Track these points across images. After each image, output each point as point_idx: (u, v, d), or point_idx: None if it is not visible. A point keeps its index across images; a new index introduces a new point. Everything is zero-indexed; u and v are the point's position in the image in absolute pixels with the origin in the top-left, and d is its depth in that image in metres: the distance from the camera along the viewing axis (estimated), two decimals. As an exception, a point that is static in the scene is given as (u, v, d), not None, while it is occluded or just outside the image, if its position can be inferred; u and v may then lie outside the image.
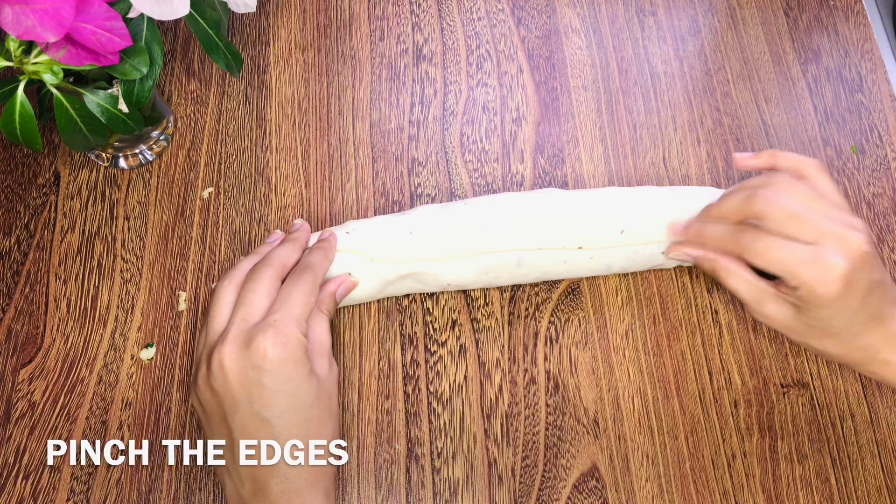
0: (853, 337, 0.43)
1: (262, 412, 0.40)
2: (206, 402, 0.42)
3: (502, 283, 0.50)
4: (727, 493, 0.47)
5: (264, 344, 0.40)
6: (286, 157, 0.57)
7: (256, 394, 0.40)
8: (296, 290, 0.44)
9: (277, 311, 0.42)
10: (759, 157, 0.47)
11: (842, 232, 0.41)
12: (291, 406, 0.41)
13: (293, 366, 0.41)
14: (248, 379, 0.40)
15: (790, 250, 0.41)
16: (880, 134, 0.59)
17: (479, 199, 0.50)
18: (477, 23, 0.63)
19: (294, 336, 0.41)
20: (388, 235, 0.48)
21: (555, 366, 0.50)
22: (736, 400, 0.50)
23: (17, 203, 0.54)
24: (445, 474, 0.47)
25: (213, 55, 0.50)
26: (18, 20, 0.39)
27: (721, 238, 0.45)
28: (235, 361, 0.41)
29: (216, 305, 0.44)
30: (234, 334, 0.41)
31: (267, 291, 0.44)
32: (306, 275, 0.44)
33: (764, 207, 0.42)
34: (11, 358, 0.50)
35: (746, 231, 0.43)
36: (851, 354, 0.44)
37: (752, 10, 0.64)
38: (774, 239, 0.42)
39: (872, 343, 0.43)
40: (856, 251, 0.41)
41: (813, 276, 0.41)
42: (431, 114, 0.59)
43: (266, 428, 0.40)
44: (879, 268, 0.42)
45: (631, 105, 0.60)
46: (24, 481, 0.47)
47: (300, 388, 0.41)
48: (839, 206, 0.43)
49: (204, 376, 0.42)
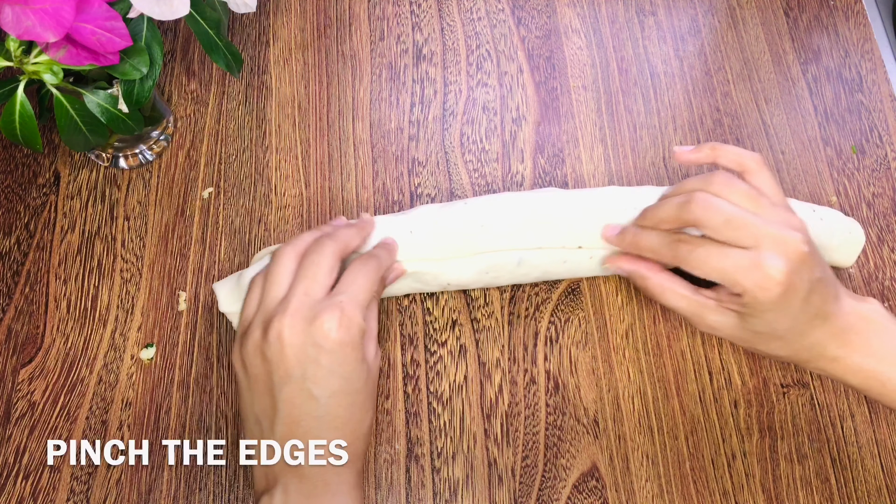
0: (799, 336, 0.43)
1: (312, 389, 0.40)
2: (252, 368, 0.42)
3: (502, 282, 0.50)
4: (727, 493, 0.47)
5: (329, 323, 0.40)
6: (286, 157, 0.57)
7: (311, 371, 0.40)
8: (362, 275, 0.44)
9: (344, 293, 0.42)
10: (700, 151, 0.46)
11: (779, 234, 0.41)
12: (342, 388, 0.41)
13: (351, 350, 0.41)
14: (307, 355, 0.40)
15: (728, 258, 0.41)
16: (880, 134, 0.59)
17: (479, 199, 0.50)
18: (477, 23, 0.63)
19: (357, 321, 0.41)
20: (387, 235, 0.48)
21: (555, 366, 0.50)
22: (736, 400, 0.50)
23: (17, 203, 0.54)
24: (445, 474, 0.47)
25: (213, 55, 0.50)
26: (18, 20, 0.39)
27: (657, 249, 0.44)
28: (296, 335, 0.40)
29: (276, 272, 0.43)
30: (296, 307, 0.41)
31: (329, 268, 0.43)
32: (373, 262, 0.45)
33: (700, 215, 0.42)
34: (11, 358, 0.50)
35: (682, 242, 0.43)
36: (799, 354, 0.44)
37: (752, 10, 0.64)
38: (711, 248, 0.42)
39: (818, 341, 0.43)
40: (794, 252, 0.40)
41: (753, 282, 0.41)
42: (431, 114, 0.59)
43: (313, 404, 0.40)
44: (819, 266, 0.42)
45: (631, 105, 0.60)
46: (24, 481, 0.47)
47: (353, 372, 0.41)
48: (778, 204, 0.43)
49: (256, 342, 0.41)
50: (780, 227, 0.41)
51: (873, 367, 0.43)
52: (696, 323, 0.45)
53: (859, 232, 0.52)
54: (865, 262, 0.54)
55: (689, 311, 0.45)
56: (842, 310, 0.43)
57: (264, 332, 0.41)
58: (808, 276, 0.41)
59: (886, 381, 0.42)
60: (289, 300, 0.42)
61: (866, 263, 0.54)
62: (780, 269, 0.40)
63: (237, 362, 0.43)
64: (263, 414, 0.41)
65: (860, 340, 0.43)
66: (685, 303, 0.45)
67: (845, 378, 0.44)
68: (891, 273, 0.54)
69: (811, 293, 0.41)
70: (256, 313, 0.43)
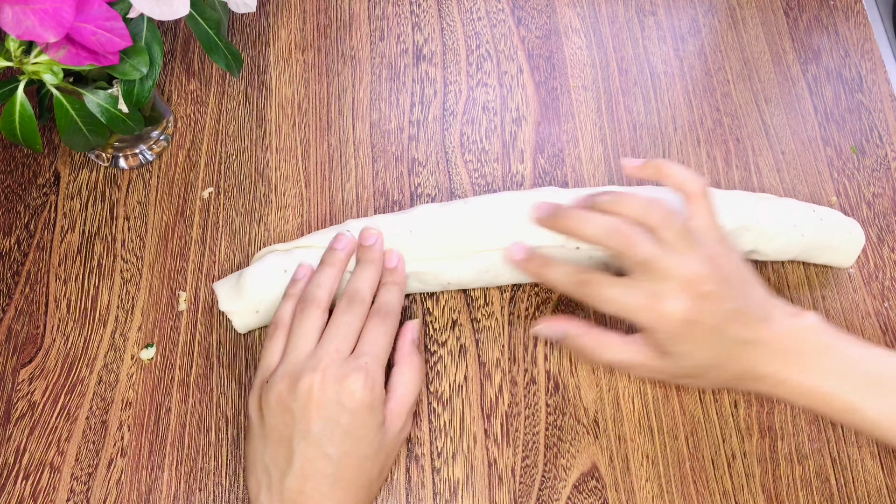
0: (731, 363, 0.43)
1: (327, 448, 0.41)
2: (272, 418, 0.42)
3: (502, 282, 0.50)
4: (727, 493, 0.47)
5: (356, 384, 0.41)
6: (286, 157, 0.57)
7: (329, 428, 0.41)
8: (381, 334, 0.45)
9: (367, 354, 0.43)
10: (646, 168, 0.46)
11: (684, 275, 0.41)
12: (352, 450, 0.41)
13: (369, 412, 0.42)
14: (330, 413, 0.41)
15: (630, 297, 0.42)
16: (880, 134, 0.59)
17: (480, 199, 0.50)
18: (477, 23, 0.63)
19: (379, 382, 0.43)
20: (387, 234, 0.48)
21: (555, 366, 0.50)
22: (736, 400, 0.50)
23: (17, 203, 0.54)
24: (445, 474, 0.47)
25: (213, 55, 0.50)
26: (18, 20, 0.39)
27: (561, 283, 0.44)
28: (324, 392, 0.41)
29: (304, 325, 0.44)
30: (327, 364, 0.42)
31: (358, 327, 0.45)
32: (390, 319, 0.46)
33: (623, 249, 0.42)
34: (11, 358, 0.50)
35: (588, 283, 0.43)
36: (741, 382, 0.44)
37: (752, 10, 0.64)
38: (616, 288, 0.42)
39: (753, 366, 0.43)
40: (695, 291, 0.41)
41: (653, 319, 0.42)
42: (431, 114, 0.59)
43: (326, 462, 0.41)
44: (736, 297, 0.42)
45: (631, 105, 0.60)
46: (25, 481, 0.47)
47: (366, 437, 0.42)
48: (706, 236, 0.43)
49: (281, 393, 0.42)
50: (689, 268, 0.42)
51: (816, 386, 0.42)
52: (637, 371, 0.46)
53: (859, 232, 0.52)
54: (865, 262, 0.54)
55: (633, 362, 0.44)
56: (774, 332, 0.43)
57: (292, 384, 0.42)
58: (715, 308, 0.42)
59: (831, 400, 0.42)
60: (320, 357, 0.42)
61: (866, 263, 0.54)
62: (677, 306, 0.41)
63: (254, 409, 0.43)
64: (274, 464, 0.41)
65: (799, 361, 0.43)
66: (626, 354, 0.44)
67: (793, 400, 0.43)
68: (891, 273, 0.54)
69: (726, 323, 0.42)
70: (281, 363, 0.44)
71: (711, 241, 0.43)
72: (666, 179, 0.45)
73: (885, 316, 0.52)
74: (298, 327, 0.44)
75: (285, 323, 0.45)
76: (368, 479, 0.42)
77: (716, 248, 0.43)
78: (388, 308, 0.46)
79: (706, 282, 0.42)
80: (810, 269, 0.53)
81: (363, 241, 0.48)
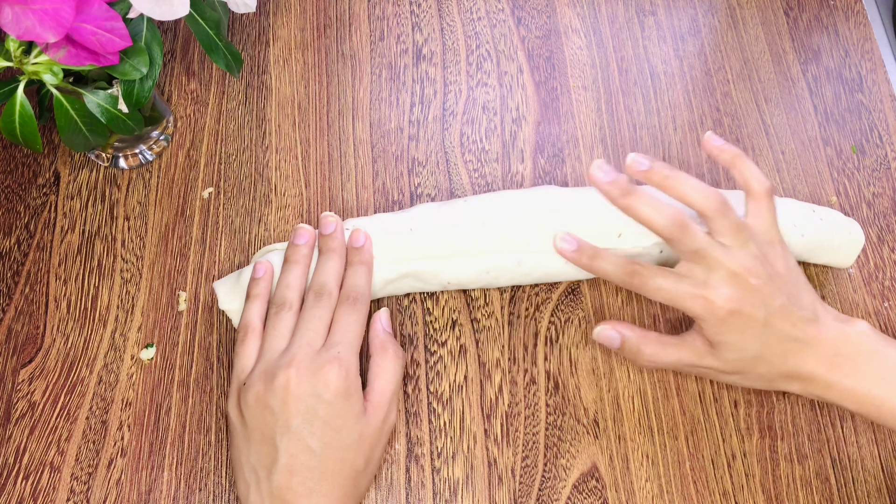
0: (778, 360, 0.43)
1: (309, 440, 0.41)
2: (253, 419, 0.42)
3: (503, 283, 0.50)
4: (727, 493, 0.47)
5: (330, 374, 0.42)
6: (286, 157, 0.57)
7: (309, 421, 0.41)
8: (352, 321, 0.45)
9: (339, 343, 0.44)
10: (724, 153, 0.46)
11: (733, 268, 0.42)
12: (333, 441, 0.42)
13: (345, 400, 0.42)
14: (307, 406, 0.41)
15: (680, 286, 0.42)
16: (880, 134, 0.59)
17: (479, 197, 0.50)
18: (477, 23, 0.63)
19: (354, 369, 0.43)
20: (387, 233, 0.48)
21: (555, 366, 0.50)
22: (736, 400, 0.50)
23: (17, 203, 0.54)
24: (445, 474, 0.47)
25: (213, 55, 0.50)
26: (18, 20, 0.39)
27: (612, 275, 0.44)
28: (300, 386, 0.41)
29: (277, 326, 0.45)
30: (301, 359, 0.42)
31: (327, 317, 0.45)
32: (360, 305, 0.46)
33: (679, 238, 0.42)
34: (11, 358, 0.50)
35: (638, 274, 0.43)
36: (789, 383, 0.44)
37: (752, 10, 0.64)
38: (666, 278, 0.43)
39: (802, 365, 0.43)
40: (742, 283, 0.42)
41: (701, 306, 0.42)
42: (431, 114, 0.59)
43: (309, 455, 0.41)
44: (781, 294, 0.43)
45: (631, 105, 0.60)
46: (24, 481, 0.47)
47: (345, 426, 0.42)
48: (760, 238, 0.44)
49: (258, 394, 0.42)
50: (738, 261, 0.42)
51: (867, 390, 0.42)
52: (692, 370, 0.47)
53: (859, 232, 0.52)
54: (865, 262, 0.54)
55: (686, 360, 0.45)
56: (824, 334, 0.43)
57: (268, 382, 0.42)
58: (761, 302, 0.42)
59: (881, 405, 0.42)
60: (293, 352, 0.43)
61: (866, 263, 0.54)
62: (724, 294, 0.42)
63: (234, 413, 0.44)
64: (260, 464, 0.42)
65: (850, 364, 0.43)
66: (680, 353, 0.45)
67: (842, 403, 0.44)
68: (891, 273, 0.54)
69: (773, 318, 0.42)
70: (257, 364, 0.44)
71: (765, 241, 0.44)
72: (735, 172, 0.45)
73: (885, 316, 0.52)
74: (272, 329, 0.45)
75: (254, 325, 0.46)
76: (354, 471, 0.42)
77: (768, 248, 0.44)
78: (356, 292, 0.46)
79: (754, 276, 0.42)
80: (810, 270, 0.53)
81: (322, 230, 0.48)
